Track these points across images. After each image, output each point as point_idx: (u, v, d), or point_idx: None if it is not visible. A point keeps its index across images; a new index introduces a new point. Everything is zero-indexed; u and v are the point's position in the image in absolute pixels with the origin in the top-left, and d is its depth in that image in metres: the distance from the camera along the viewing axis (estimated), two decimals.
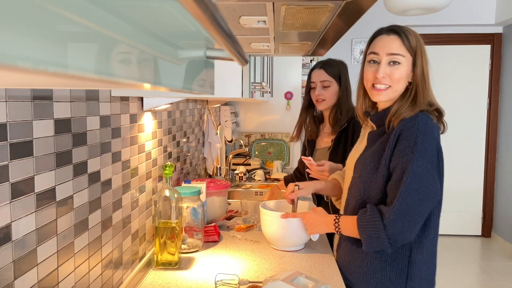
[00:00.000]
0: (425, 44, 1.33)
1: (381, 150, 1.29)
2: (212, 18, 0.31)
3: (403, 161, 1.21)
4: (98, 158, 1.10)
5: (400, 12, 2.94)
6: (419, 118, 1.23)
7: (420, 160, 1.19)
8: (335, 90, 1.97)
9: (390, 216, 1.19)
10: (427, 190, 1.20)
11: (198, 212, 1.64)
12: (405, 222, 1.19)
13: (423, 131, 1.21)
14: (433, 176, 1.21)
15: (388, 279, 1.29)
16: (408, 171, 1.19)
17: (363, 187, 1.32)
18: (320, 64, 2.01)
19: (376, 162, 1.29)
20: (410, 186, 1.19)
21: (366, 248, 1.26)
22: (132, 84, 0.36)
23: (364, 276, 1.33)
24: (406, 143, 1.21)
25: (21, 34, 0.20)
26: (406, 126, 1.23)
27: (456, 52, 4.80)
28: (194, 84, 0.58)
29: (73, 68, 0.25)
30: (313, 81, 1.99)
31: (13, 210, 0.75)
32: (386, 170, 1.26)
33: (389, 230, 1.20)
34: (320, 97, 1.96)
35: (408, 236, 1.21)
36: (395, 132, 1.25)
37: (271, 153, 3.71)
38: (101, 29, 0.29)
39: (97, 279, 1.11)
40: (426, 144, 1.20)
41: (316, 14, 0.92)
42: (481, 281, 3.79)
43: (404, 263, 1.29)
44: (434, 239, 1.30)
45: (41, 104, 0.84)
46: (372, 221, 1.23)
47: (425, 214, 1.23)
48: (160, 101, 1.46)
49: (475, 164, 4.91)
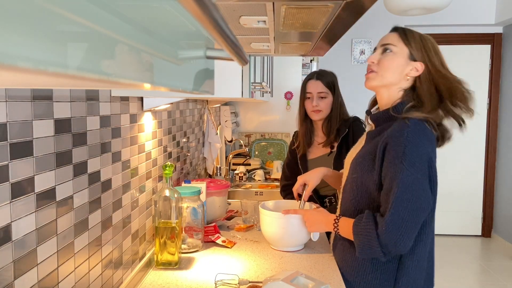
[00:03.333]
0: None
1: (373, 151, 1.28)
2: (212, 18, 0.31)
3: (391, 171, 1.19)
4: (98, 158, 1.10)
5: (400, 12, 2.94)
6: (409, 128, 1.21)
7: (410, 170, 1.17)
8: (331, 101, 2.02)
9: (382, 227, 1.19)
10: (418, 200, 1.18)
11: (198, 212, 1.64)
12: (398, 234, 1.17)
13: (412, 140, 1.19)
14: (423, 186, 1.19)
15: (378, 281, 1.29)
16: (397, 182, 1.17)
17: (355, 187, 1.33)
18: (316, 75, 2.04)
19: (367, 163, 1.29)
20: (401, 197, 1.17)
21: (359, 255, 1.26)
22: (132, 84, 0.36)
23: (355, 276, 1.34)
24: (395, 153, 1.20)
25: (21, 34, 0.20)
26: (394, 135, 1.22)
27: (456, 52, 4.80)
28: (194, 84, 0.58)
29: (73, 68, 0.25)
30: (309, 92, 2.01)
31: (13, 210, 0.75)
32: (377, 176, 1.25)
33: (382, 240, 1.19)
34: (317, 108, 1.99)
35: (402, 247, 1.19)
36: (382, 140, 1.24)
37: (271, 153, 3.71)
38: (101, 29, 0.29)
39: (97, 279, 1.11)
40: (415, 153, 1.18)
41: (316, 14, 0.92)
42: (481, 281, 3.79)
43: (393, 266, 1.29)
44: (426, 245, 1.29)
45: (41, 104, 0.84)
46: (366, 228, 1.22)
47: (419, 224, 1.21)
48: (160, 101, 1.46)
49: (475, 164, 4.91)
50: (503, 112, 4.74)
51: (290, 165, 2.19)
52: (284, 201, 1.84)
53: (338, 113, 2.01)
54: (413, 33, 1.31)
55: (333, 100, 2.02)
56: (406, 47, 1.29)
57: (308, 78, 2.06)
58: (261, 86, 2.10)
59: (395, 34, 1.32)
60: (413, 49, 1.28)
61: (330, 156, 2.01)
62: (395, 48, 1.30)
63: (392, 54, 1.30)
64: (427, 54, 1.28)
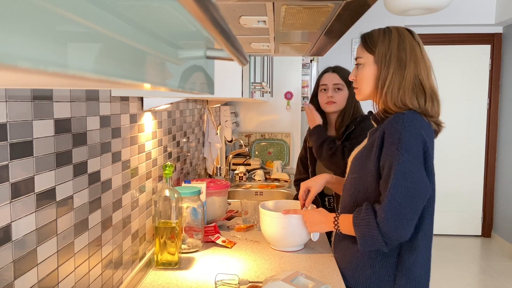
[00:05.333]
0: (425, 44, 1.33)
1: (370, 147, 1.30)
2: (212, 18, 0.31)
3: (389, 159, 1.21)
4: (98, 158, 1.10)
5: (400, 12, 2.94)
6: (404, 116, 1.23)
7: (406, 156, 1.19)
8: (346, 94, 2.00)
9: (381, 214, 1.19)
10: (416, 186, 1.19)
11: (198, 212, 1.64)
12: (397, 220, 1.18)
13: (407, 127, 1.21)
14: (420, 172, 1.20)
15: (377, 276, 1.30)
16: (394, 169, 1.19)
17: (354, 184, 1.34)
18: (332, 68, 2.05)
19: (365, 158, 1.30)
20: (398, 183, 1.18)
21: (361, 247, 1.26)
22: (132, 84, 0.36)
23: (354, 271, 1.34)
24: (391, 140, 1.21)
25: (21, 34, 0.20)
26: (390, 123, 1.24)
27: (456, 52, 4.80)
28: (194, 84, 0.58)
29: (73, 68, 0.25)
30: (325, 83, 2.01)
31: (13, 210, 0.75)
32: (374, 167, 1.26)
33: (382, 228, 1.19)
34: (332, 99, 1.98)
35: (403, 234, 1.20)
36: (381, 130, 1.26)
37: (271, 153, 3.71)
38: (101, 29, 0.29)
39: (97, 279, 1.11)
40: (410, 140, 1.20)
41: (316, 14, 0.92)
42: (481, 281, 3.79)
43: (393, 261, 1.29)
44: (426, 240, 1.29)
45: (41, 104, 0.84)
46: (366, 219, 1.23)
47: (418, 211, 1.21)
48: (160, 101, 1.46)
49: (475, 164, 4.91)
50: (503, 112, 4.74)
51: (302, 160, 2.20)
52: (284, 201, 1.84)
53: (352, 109, 1.99)
54: (373, 36, 1.32)
55: (349, 95, 2.00)
56: (370, 54, 1.32)
57: (324, 71, 2.07)
58: (261, 86, 2.10)
59: (359, 45, 1.37)
60: (376, 53, 1.31)
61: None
62: (362, 60, 1.35)
63: (361, 66, 1.35)
64: (390, 49, 1.29)
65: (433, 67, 1.34)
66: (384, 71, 1.29)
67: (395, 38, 1.29)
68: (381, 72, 1.30)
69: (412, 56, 1.28)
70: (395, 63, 1.28)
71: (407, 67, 1.27)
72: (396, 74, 1.28)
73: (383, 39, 1.31)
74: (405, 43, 1.29)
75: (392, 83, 1.28)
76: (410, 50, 1.28)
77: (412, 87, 1.27)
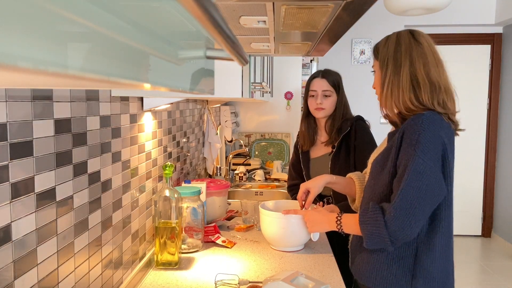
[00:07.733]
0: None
1: (389, 149, 1.29)
2: (212, 18, 0.31)
3: (405, 159, 1.21)
4: (98, 158, 1.10)
5: (400, 12, 2.94)
6: (424, 116, 1.23)
7: (422, 157, 1.19)
8: (335, 100, 2.03)
9: (390, 212, 1.19)
10: (428, 187, 1.18)
11: (198, 212, 1.64)
12: (405, 219, 1.18)
13: (426, 128, 1.21)
14: (435, 174, 1.20)
15: (394, 275, 1.29)
16: (409, 169, 1.19)
17: (373, 186, 1.33)
18: (321, 73, 2.06)
19: (384, 160, 1.30)
20: (410, 183, 1.18)
21: (367, 245, 1.26)
22: (132, 84, 0.36)
23: (370, 272, 1.32)
24: (409, 141, 1.22)
25: (21, 34, 0.20)
26: (410, 124, 1.24)
27: (456, 52, 4.80)
28: (194, 84, 0.58)
29: (73, 68, 0.25)
30: (314, 90, 2.03)
31: (13, 210, 0.75)
32: (393, 168, 1.26)
33: (389, 227, 1.19)
34: (321, 106, 2.00)
35: (409, 233, 1.19)
36: (400, 130, 1.26)
37: (271, 153, 3.71)
38: (101, 29, 0.29)
39: (97, 279, 1.11)
40: (429, 141, 1.20)
41: (316, 14, 0.92)
42: (481, 281, 3.79)
43: (410, 261, 1.28)
44: (445, 239, 1.27)
45: (41, 104, 0.84)
46: (373, 217, 1.22)
47: (427, 212, 1.21)
48: (160, 101, 1.46)
49: (475, 164, 4.91)
50: (503, 112, 4.74)
51: (294, 165, 2.20)
52: (284, 201, 1.84)
53: (341, 113, 2.03)
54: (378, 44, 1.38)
55: (337, 100, 2.03)
56: (377, 61, 1.36)
57: (313, 76, 2.08)
58: (261, 86, 2.10)
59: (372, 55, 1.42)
60: (379, 58, 1.34)
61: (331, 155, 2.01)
62: (374, 67, 1.39)
63: (375, 73, 1.39)
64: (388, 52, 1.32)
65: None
66: (384, 73, 1.32)
67: (393, 42, 1.33)
68: (382, 75, 1.33)
69: (407, 55, 1.29)
70: (392, 64, 1.31)
71: (403, 66, 1.29)
72: (394, 74, 1.30)
73: (384, 44, 1.35)
74: (400, 44, 1.31)
75: (391, 83, 1.29)
76: (405, 50, 1.30)
77: (410, 84, 1.27)
